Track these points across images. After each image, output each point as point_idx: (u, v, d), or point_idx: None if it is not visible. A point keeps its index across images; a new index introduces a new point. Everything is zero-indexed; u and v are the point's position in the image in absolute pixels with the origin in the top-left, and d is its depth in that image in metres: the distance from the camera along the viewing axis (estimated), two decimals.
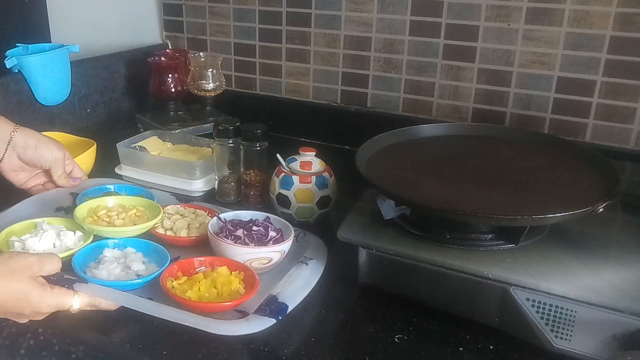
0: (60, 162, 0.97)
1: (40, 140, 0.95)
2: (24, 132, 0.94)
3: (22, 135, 0.93)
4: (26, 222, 0.84)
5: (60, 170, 0.97)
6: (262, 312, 0.68)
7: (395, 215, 0.79)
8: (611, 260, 0.70)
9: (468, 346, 0.68)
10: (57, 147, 0.97)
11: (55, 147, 0.96)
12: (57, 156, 0.96)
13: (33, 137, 0.95)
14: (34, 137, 0.95)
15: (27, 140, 0.94)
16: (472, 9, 1.12)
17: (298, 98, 1.37)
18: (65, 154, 0.97)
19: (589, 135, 1.10)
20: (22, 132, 0.94)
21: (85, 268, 0.76)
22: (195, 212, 0.92)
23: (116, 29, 1.50)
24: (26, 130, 0.95)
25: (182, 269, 0.76)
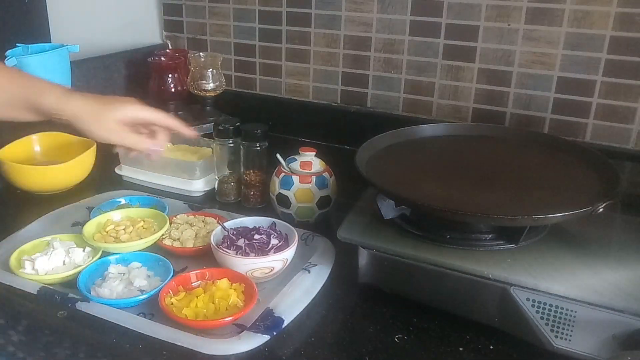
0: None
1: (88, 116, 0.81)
2: (69, 103, 0.80)
3: (68, 109, 0.80)
4: (37, 241, 0.85)
5: None
6: (257, 328, 0.69)
7: (395, 215, 0.79)
8: (611, 260, 0.70)
9: (468, 346, 0.68)
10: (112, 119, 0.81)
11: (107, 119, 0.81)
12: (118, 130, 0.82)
13: (76, 114, 0.80)
14: (77, 114, 0.80)
15: (75, 116, 0.80)
16: (472, 9, 1.12)
17: (298, 98, 1.37)
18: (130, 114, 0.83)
19: (589, 135, 1.10)
20: (66, 109, 0.80)
21: (91, 285, 0.77)
22: (205, 220, 0.93)
23: (116, 29, 1.50)
24: (70, 106, 0.80)
25: (182, 284, 0.76)
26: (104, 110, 0.81)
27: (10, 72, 0.82)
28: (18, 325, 0.71)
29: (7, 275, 0.79)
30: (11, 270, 0.79)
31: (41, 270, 0.79)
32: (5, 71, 0.81)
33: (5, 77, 0.80)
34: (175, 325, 0.69)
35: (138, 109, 0.84)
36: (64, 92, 0.81)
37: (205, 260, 0.82)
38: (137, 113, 0.83)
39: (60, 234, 0.87)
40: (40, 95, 0.79)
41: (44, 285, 0.77)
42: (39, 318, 0.72)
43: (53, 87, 0.81)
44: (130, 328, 0.69)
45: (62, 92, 0.81)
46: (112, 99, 0.83)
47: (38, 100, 0.79)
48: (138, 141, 0.84)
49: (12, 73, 0.82)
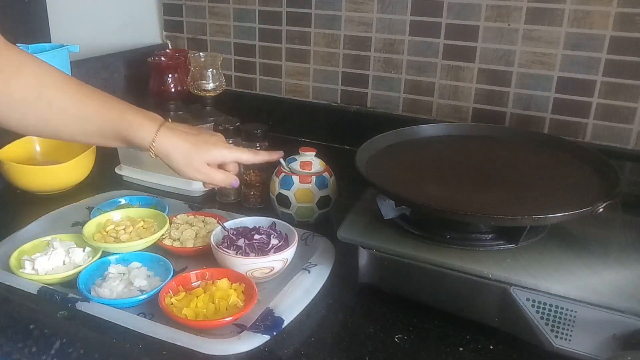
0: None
1: (175, 157, 0.81)
2: (163, 140, 0.79)
3: (162, 147, 0.80)
4: (36, 241, 0.85)
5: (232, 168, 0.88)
6: (256, 328, 0.69)
7: (395, 215, 0.79)
8: (611, 260, 0.70)
9: (468, 346, 0.68)
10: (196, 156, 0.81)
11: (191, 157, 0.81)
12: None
13: (168, 154, 0.80)
14: (169, 153, 0.80)
15: (167, 154, 0.80)
16: (472, 9, 1.12)
17: (298, 98, 1.37)
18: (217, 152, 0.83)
19: (589, 135, 1.10)
20: (158, 149, 0.79)
21: (91, 285, 0.77)
22: (205, 220, 0.93)
23: (116, 29, 1.50)
24: (162, 146, 0.79)
25: (182, 284, 0.76)
26: (195, 153, 0.81)
27: (102, 100, 0.79)
28: (18, 325, 0.71)
29: (7, 275, 0.79)
30: (11, 270, 0.79)
31: (41, 270, 0.79)
32: (97, 98, 0.78)
33: (95, 107, 0.77)
34: (175, 325, 0.69)
35: (226, 152, 0.85)
36: (156, 125, 0.80)
37: (205, 260, 0.82)
38: (226, 156, 0.85)
39: (60, 234, 0.87)
40: (131, 129, 0.78)
41: (44, 285, 0.77)
42: (39, 318, 0.72)
43: (145, 119, 0.80)
44: (130, 328, 0.69)
45: (154, 126, 0.79)
46: (203, 139, 0.83)
47: (130, 134, 0.78)
48: (224, 179, 0.85)
49: (104, 101, 0.79)
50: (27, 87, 0.73)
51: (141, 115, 0.80)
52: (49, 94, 0.74)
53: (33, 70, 0.74)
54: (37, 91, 0.74)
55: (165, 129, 0.80)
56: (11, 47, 0.76)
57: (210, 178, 0.84)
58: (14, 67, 0.73)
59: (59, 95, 0.75)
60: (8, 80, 0.72)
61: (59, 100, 0.75)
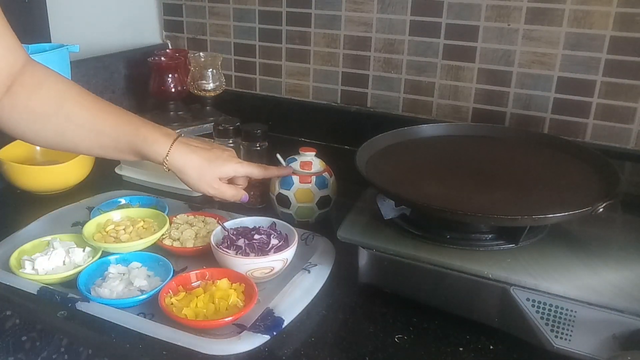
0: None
1: (191, 172, 0.83)
2: (176, 156, 0.81)
3: (176, 162, 0.82)
4: (36, 241, 0.85)
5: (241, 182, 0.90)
6: (256, 328, 0.69)
7: (395, 215, 0.79)
8: (611, 260, 0.70)
9: (468, 346, 0.68)
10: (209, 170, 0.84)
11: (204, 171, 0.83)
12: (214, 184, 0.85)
13: (182, 169, 0.82)
14: (182, 168, 0.82)
15: (181, 169, 0.83)
16: (472, 9, 1.12)
17: (298, 98, 1.37)
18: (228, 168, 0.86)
19: (589, 135, 1.10)
20: (172, 164, 0.82)
21: (90, 285, 0.77)
22: (205, 220, 0.93)
23: (116, 29, 1.50)
24: (176, 161, 0.81)
25: (182, 284, 0.76)
26: (208, 168, 0.83)
27: (118, 115, 0.80)
28: (18, 325, 0.71)
29: (7, 275, 0.79)
30: (11, 270, 0.79)
31: (41, 270, 0.79)
32: (113, 113, 0.80)
33: (111, 121, 0.79)
34: (175, 325, 0.69)
35: (239, 167, 0.87)
36: (170, 140, 0.81)
37: (205, 260, 0.82)
38: (238, 171, 0.87)
39: (60, 234, 0.87)
40: (146, 144, 0.80)
41: (44, 285, 0.77)
42: (39, 318, 0.72)
43: (159, 134, 0.81)
44: (130, 328, 0.69)
45: (168, 141, 0.81)
46: (216, 155, 0.85)
47: (145, 148, 0.80)
48: (234, 195, 0.88)
49: (120, 116, 0.80)
50: (48, 101, 0.75)
51: (156, 130, 0.82)
52: (67, 108, 0.76)
53: (54, 85, 0.76)
54: (57, 106, 0.76)
55: (179, 143, 0.82)
56: (35, 63, 0.77)
57: (221, 193, 0.86)
58: (36, 81, 0.75)
59: (77, 110, 0.77)
60: (30, 94, 0.74)
61: (77, 115, 0.77)
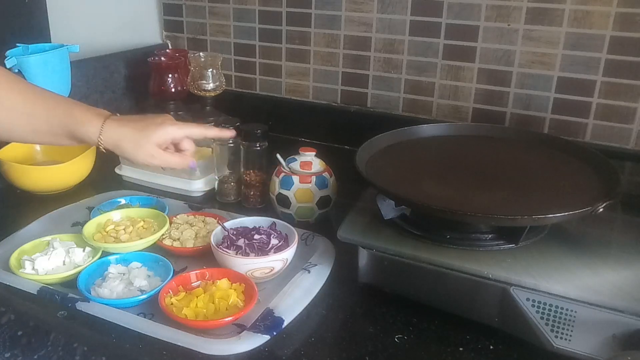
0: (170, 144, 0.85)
1: (129, 141, 0.81)
2: (109, 132, 0.79)
3: (109, 138, 0.80)
4: (37, 241, 0.85)
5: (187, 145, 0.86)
6: (256, 328, 0.69)
7: (395, 215, 0.79)
8: (611, 260, 0.70)
9: (468, 346, 0.68)
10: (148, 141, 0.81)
11: (145, 140, 0.80)
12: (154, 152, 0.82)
13: (116, 143, 0.80)
14: (117, 142, 0.80)
15: (116, 145, 0.80)
16: (472, 9, 1.12)
17: (298, 98, 1.37)
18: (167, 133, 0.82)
19: (589, 135, 1.10)
20: (107, 141, 0.80)
21: (91, 285, 0.77)
22: (205, 220, 0.93)
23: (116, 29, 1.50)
24: (109, 137, 0.79)
25: (182, 284, 0.76)
26: (143, 136, 0.81)
27: (50, 98, 0.80)
28: (18, 325, 0.71)
29: (7, 275, 0.79)
30: (11, 270, 0.79)
31: (41, 270, 0.79)
32: (45, 97, 0.80)
33: (42, 104, 0.78)
34: (175, 325, 0.69)
35: (174, 129, 0.83)
36: (102, 119, 0.80)
37: (205, 260, 0.82)
38: (175, 133, 0.83)
39: (60, 234, 0.87)
40: (79, 125, 0.79)
41: (44, 285, 0.77)
42: (39, 318, 0.72)
43: (91, 115, 0.80)
44: (130, 328, 0.69)
45: (100, 120, 0.80)
46: (148, 122, 0.82)
47: (78, 130, 0.79)
48: (180, 161, 0.85)
49: (52, 99, 0.80)
50: None
51: (88, 110, 0.81)
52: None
53: None
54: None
55: (110, 120, 0.80)
56: None
57: (165, 161, 0.83)
58: None
59: (7, 94, 0.76)
60: None
61: (7, 99, 0.76)
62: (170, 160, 0.84)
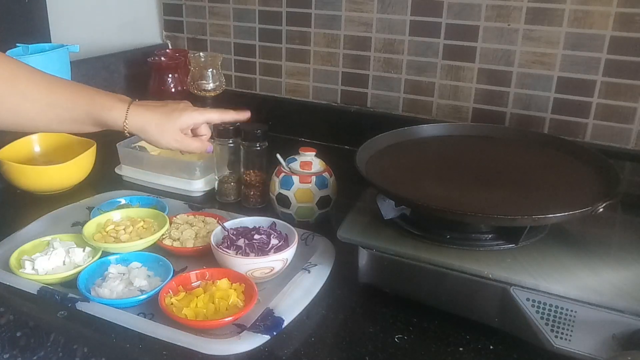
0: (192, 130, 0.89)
1: (153, 129, 0.84)
2: (134, 117, 0.82)
3: (135, 123, 0.83)
4: (36, 241, 0.85)
5: (204, 131, 0.91)
6: (256, 328, 0.69)
7: (395, 215, 0.79)
8: (611, 260, 0.70)
9: (468, 346, 0.68)
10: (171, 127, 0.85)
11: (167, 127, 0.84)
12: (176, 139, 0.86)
13: (142, 128, 0.83)
14: (143, 127, 0.83)
15: (141, 129, 0.84)
16: (472, 9, 1.12)
17: (298, 98, 1.37)
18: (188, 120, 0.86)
19: (589, 135, 1.10)
20: (132, 125, 0.83)
21: (91, 285, 0.77)
22: (205, 220, 0.93)
23: (116, 29, 1.50)
24: (135, 122, 0.82)
25: (182, 284, 0.76)
26: (167, 121, 0.84)
27: (71, 88, 0.82)
28: (18, 325, 0.71)
29: (7, 275, 0.79)
30: (11, 270, 0.79)
31: (41, 270, 0.79)
32: (66, 87, 0.82)
33: (65, 94, 0.80)
34: (175, 325, 0.69)
35: (197, 115, 0.87)
36: (126, 105, 0.83)
37: (205, 260, 0.82)
38: (197, 118, 0.88)
39: (60, 234, 0.87)
40: (104, 110, 0.81)
41: (44, 285, 0.77)
42: (39, 318, 0.72)
43: (115, 100, 0.83)
44: (130, 328, 0.69)
45: (124, 105, 0.83)
46: (172, 108, 0.86)
47: (103, 116, 0.81)
48: (200, 145, 0.89)
49: (73, 88, 0.82)
50: (1, 81, 0.76)
51: (111, 97, 0.83)
52: (21, 86, 0.77)
53: (5, 65, 0.76)
54: (11, 85, 0.76)
55: (134, 106, 0.84)
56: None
57: (186, 145, 0.87)
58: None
59: (31, 87, 0.78)
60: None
61: (32, 91, 0.78)
62: (192, 145, 0.88)
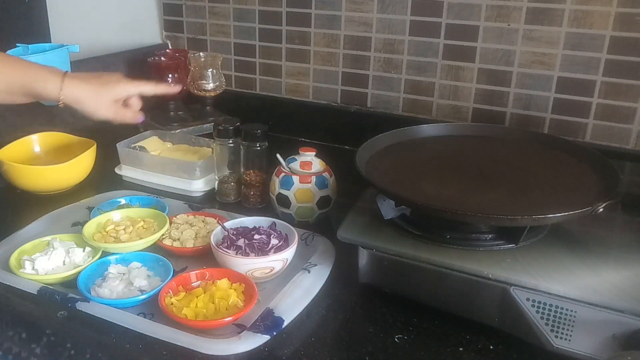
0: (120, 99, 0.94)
1: (85, 99, 0.88)
2: (70, 88, 0.86)
3: (70, 94, 0.87)
4: (37, 241, 0.85)
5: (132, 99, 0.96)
6: (257, 328, 0.69)
7: (395, 215, 0.79)
8: (611, 260, 0.70)
9: (468, 346, 0.68)
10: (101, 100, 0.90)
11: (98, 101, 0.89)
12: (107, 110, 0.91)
13: (77, 99, 0.88)
14: (78, 98, 0.88)
15: (77, 100, 0.88)
16: (472, 9, 1.12)
17: (298, 98, 1.37)
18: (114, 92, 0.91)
19: (589, 135, 1.10)
20: (67, 96, 0.86)
21: (90, 285, 0.77)
22: (205, 220, 0.92)
23: (116, 29, 1.50)
24: (70, 92, 0.86)
25: (182, 284, 0.76)
26: (103, 92, 0.89)
27: (7, 59, 0.85)
28: (18, 325, 0.71)
29: (7, 275, 0.79)
30: (11, 270, 0.79)
31: (41, 270, 0.79)
32: (3, 58, 0.84)
33: (2, 64, 0.83)
34: (175, 325, 0.69)
35: (129, 86, 0.93)
36: (60, 77, 0.86)
37: (205, 260, 0.82)
38: (130, 90, 0.94)
39: (60, 234, 0.87)
40: (40, 82, 0.84)
41: (44, 285, 0.77)
42: (39, 318, 0.72)
43: (49, 72, 0.86)
44: (130, 328, 0.69)
45: (58, 77, 0.86)
46: (106, 79, 0.91)
47: (39, 87, 0.84)
48: (133, 116, 0.95)
49: (9, 60, 0.85)
50: None
51: (44, 69, 0.87)
52: None
53: None
54: None
55: (69, 77, 0.87)
56: None
57: (120, 115, 0.93)
58: None
59: None
60: None
61: None
62: (126, 115, 0.94)
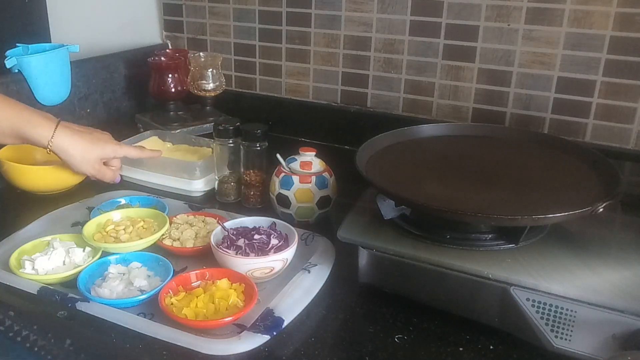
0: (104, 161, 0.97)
1: (71, 156, 0.92)
2: (61, 137, 0.89)
3: (61, 143, 0.90)
4: (37, 241, 0.85)
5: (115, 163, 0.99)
6: (256, 328, 0.69)
7: (395, 215, 0.79)
8: (611, 260, 0.70)
9: (468, 346, 0.68)
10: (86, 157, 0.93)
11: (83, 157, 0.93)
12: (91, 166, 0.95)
13: (66, 151, 0.91)
14: (67, 150, 0.91)
15: (65, 151, 0.91)
16: (472, 9, 1.12)
17: (298, 98, 1.37)
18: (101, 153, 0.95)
19: (589, 135, 1.10)
20: (57, 145, 0.90)
21: (90, 285, 0.77)
22: (205, 220, 0.92)
23: (116, 29, 1.50)
24: (60, 142, 0.90)
25: (182, 284, 0.76)
26: (92, 149, 0.92)
27: (2, 101, 0.85)
28: (18, 325, 0.71)
29: (7, 275, 0.79)
30: (11, 270, 0.79)
31: (41, 270, 0.79)
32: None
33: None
34: (175, 325, 0.69)
35: (118, 149, 0.97)
36: (53, 124, 0.88)
37: (205, 260, 0.82)
38: (117, 152, 0.97)
39: (60, 234, 0.87)
40: (29, 127, 0.85)
41: (44, 285, 0.77)
42: (39, 318, 0.72)
43: (44, 118, 0.88)
44: (130, 328, 0.69)
45: (51, 124, 0.88)
46: (96, 137, 0.94)
47: (30, 132, 0.85)
48: (113, 176, 0.99)
49: (4, 101, 0.86)
50: None
51: (38, 114, 0.88)
52: None
53: None
54: None
55: (62, 127, 0.89)
56: None
57: (102, 174, 0.96)
58: None
59: None
60: None
61: None
62: (107, 174, 0.98)
